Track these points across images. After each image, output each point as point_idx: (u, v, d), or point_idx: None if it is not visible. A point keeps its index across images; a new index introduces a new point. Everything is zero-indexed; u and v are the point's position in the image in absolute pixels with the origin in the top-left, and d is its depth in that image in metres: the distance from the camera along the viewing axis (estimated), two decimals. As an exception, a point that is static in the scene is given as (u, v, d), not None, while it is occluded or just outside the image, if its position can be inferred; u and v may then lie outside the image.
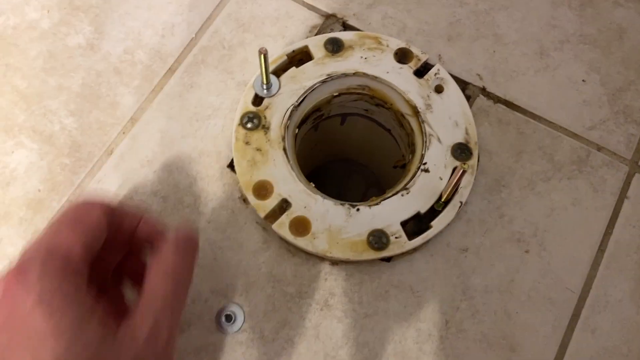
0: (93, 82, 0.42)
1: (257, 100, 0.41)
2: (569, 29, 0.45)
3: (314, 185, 0.40)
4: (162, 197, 0.39)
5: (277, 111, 0.40)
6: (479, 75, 0.44)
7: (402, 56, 0.42)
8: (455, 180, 0.34)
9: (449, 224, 0.38)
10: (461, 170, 0.33)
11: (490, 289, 0.37)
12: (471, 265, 0.38)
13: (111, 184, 0.40)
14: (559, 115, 0.42)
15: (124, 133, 0.41)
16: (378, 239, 0.37)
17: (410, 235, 0.38)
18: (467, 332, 0.36)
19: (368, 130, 0.51)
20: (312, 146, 0.55)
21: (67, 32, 0.44)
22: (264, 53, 0.35)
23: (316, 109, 0.44)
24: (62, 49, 0.44)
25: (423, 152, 0.40)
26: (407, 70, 0.42)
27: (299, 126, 0.43)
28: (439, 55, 0.44)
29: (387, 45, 0.42)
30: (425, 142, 0.40)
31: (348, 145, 0.58)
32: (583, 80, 0.44)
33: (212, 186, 0.40)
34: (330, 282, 0.37)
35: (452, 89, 0.41)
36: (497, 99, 0.43)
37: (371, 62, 0.42)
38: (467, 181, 0.38)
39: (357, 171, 0.68)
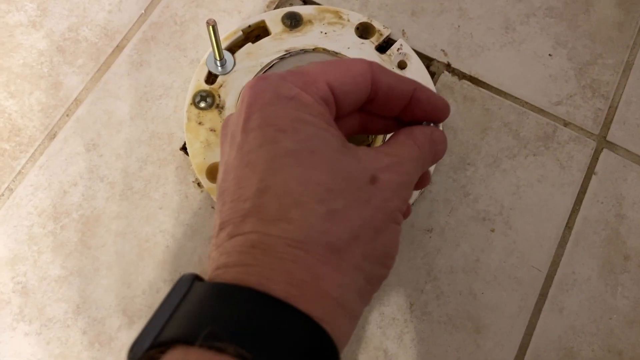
0: (35, 62, 0.40)
1: (211, 78, 0.39)
2: (534, 2, 0.44)
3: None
4: (109, 183, 0.37)
5: (232, 89, 0.38)
6: (443, 50, 0.42)
7: (364, 31, 0.41)
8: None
9: (412, 204, 0.37)
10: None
11: (455, 270, 0.36)
12: (436, 246, 0.37)
13: (54, 169, 0.37)
14: (524, 90, 0.41)
15: (67, 115, 0.38)
16: (339, 220, 0.35)
17: (373, 217, 0.36)
18: (432, 314, 0.35)
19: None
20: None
21: (7, 9, 0.41)
22: (212, 24, 0.33)
23: (275, 88, 0.42)
24: (1, 27, 0.41)
25: (385, 130, 0.38)
26: (369, 45, 0.40)
27: (257, 106, 0.41)
28: (403, 30, 0.42)
29: (348, 20, 0.40)
30: (388, 119, 0.38)
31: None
32: (549, 55, 0.43)
33: (164, 170, 0.38)
34: (290, 267, 0.36)
35: (416, 65, 0.40)
36: (462, 75, 0.41)
37: (331, 38, 0.40)
38: (430, 159, 0.37)
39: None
